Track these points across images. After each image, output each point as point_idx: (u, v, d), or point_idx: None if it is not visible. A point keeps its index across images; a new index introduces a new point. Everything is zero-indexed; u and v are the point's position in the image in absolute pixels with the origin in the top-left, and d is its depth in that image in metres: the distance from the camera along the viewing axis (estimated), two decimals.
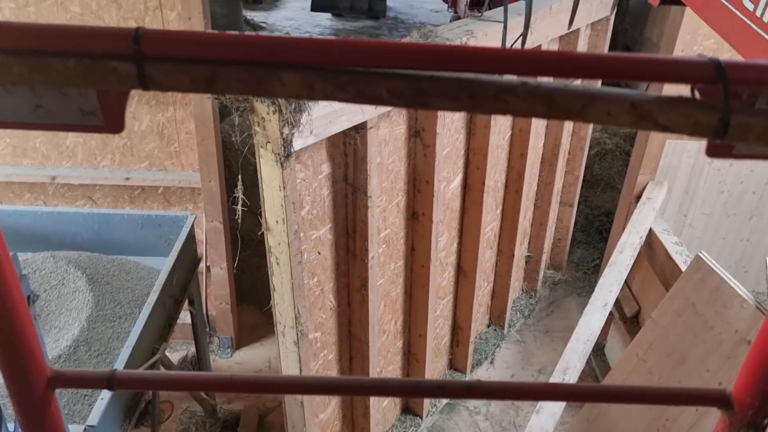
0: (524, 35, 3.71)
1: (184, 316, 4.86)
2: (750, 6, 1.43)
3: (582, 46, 5.12)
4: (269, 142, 2.47)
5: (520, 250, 5.69)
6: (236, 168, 5.80)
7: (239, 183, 2.79)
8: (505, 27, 3.75)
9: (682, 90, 0.63)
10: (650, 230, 4.87)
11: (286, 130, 2.43)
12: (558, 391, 1.03)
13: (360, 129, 3.02)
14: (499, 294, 5.66)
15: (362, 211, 3.27)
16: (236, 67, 0.58)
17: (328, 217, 3.26)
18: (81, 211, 4.46)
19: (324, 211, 3.19)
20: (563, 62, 0.61)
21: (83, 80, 0.58)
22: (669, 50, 4.66)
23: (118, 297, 4.06)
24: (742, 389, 0.89)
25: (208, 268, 5.26)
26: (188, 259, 4.32)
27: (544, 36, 4.39)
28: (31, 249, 4.24)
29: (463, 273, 4.88)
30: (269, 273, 2.98)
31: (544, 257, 6.15)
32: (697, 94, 0.62)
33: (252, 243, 6.08)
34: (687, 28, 4.49)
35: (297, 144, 2.56)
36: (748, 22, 1.44)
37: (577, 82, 3.08)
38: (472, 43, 3.67)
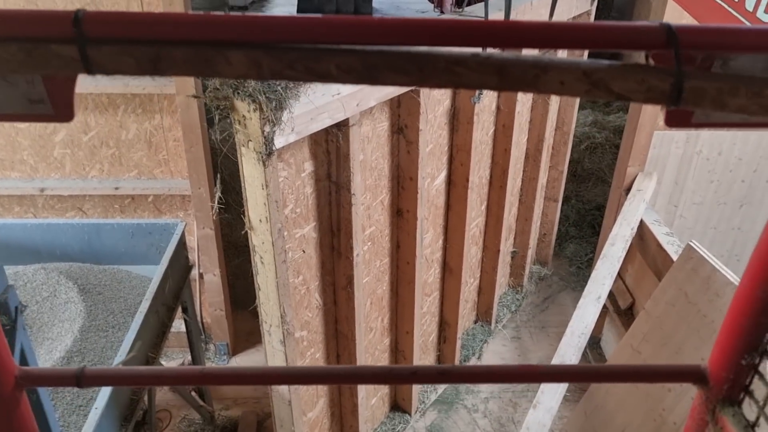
0: None
1: (179, 324, 4.84)
2: None
3: None
4: (250, 141, 2.46)
5: (506, 246, 5.71)
6: (227, 175, 5.80)
7: (218, 182, 2.78)
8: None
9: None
10: (641, 222, 4.88)
11: (267, 128, 2.42)
12: (532, 373, 1.02)
13: (342, 126, 3.02)
14: (485, 290, 5.70)
15: (346, 208, 3.28)
16: (182, 47, 0.57)
17: (312, 216, 3.26)
18: (71, 222, 4.44)
19: (308, 209, 3.19)
20: (513, 32, 0.60)
21: (25, 66, 0.57)
22: None
23: (111, 306, 4.04)
24: (717, 364, 0.88)
25: (201, 275, 5.24)
26: (180, 267, 4.31)
27: None
28: (22, 261, 4.22)
29: (449, 269, 4.90)
30: (254, 272, 2.97)
31: (530, 253, 6.19)
32: (651, 61, 0.61)
33: (245, 249, 6.06)
34: (671, 19, 4.51)
35: (279, 142, 2.55)
36: (733, 11, 1.45)
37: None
38: None
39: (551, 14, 3.60)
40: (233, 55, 0.57)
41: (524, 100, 5.04)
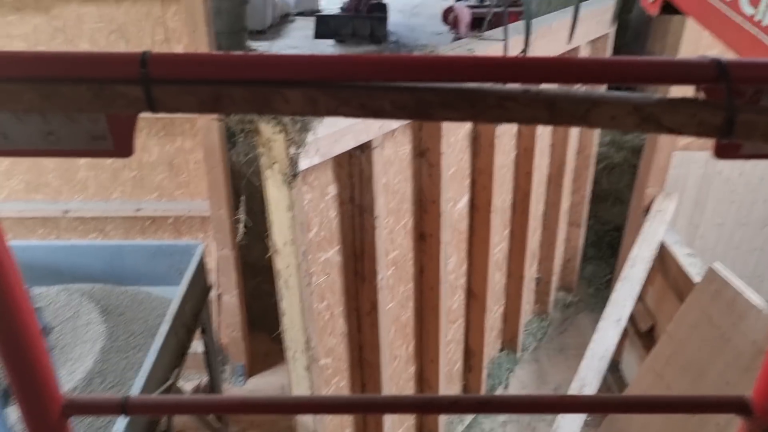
0: (524, 53, 3.74)
1: (196, 345, 4.85)
2: (749, 11, 1.44)
3: None
4: (276, 163, 2.49)
5: (530, 272, 5.64)
6: (247, 195, 5.85)
7: (242, 204, 2.80)
8: (505, 46, 3.78)
9: (689, 92, 0.63)
10: (662, 243, 4.83)
11: (292, 150, 2.45)
12: (575, 403, 1.01)
13: (365, 149, 3.03)
14: (510, 317, 5.60)
15: (370, 232, 3.27)
16: (240, 87, 0.59)
17: (335, 239, 3.25)
18: (93, 244, 4.49)
19: (332, 233, 3.19)
20: (565, 68, 0.61)
21: (93, 105, 0.59)
22: None
23: (131, 328, 4.07)
24: (761, 395, 0.87)
25: (219, 296, 5.27)
26: (199, 288, 4.33)
27: (545, 53, 4.42)
28: (45, 283, 4.27)
29: (473, 296, 4.84)
30: (278, 297, 2.97)
31: (554, 279, 6.10)
32: (701, 94, 0.62)
33: (262, 269, 6.08)
34: (689, 40, 4.51)
35: (303, 164, 2.57)
36: (749, 27, 1.45)
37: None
38: None
39: (570, 37, 3.63)
40: (290, 93, 0.59)
41: None
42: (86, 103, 0.59)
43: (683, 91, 0.67)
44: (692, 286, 4.22)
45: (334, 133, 2.73)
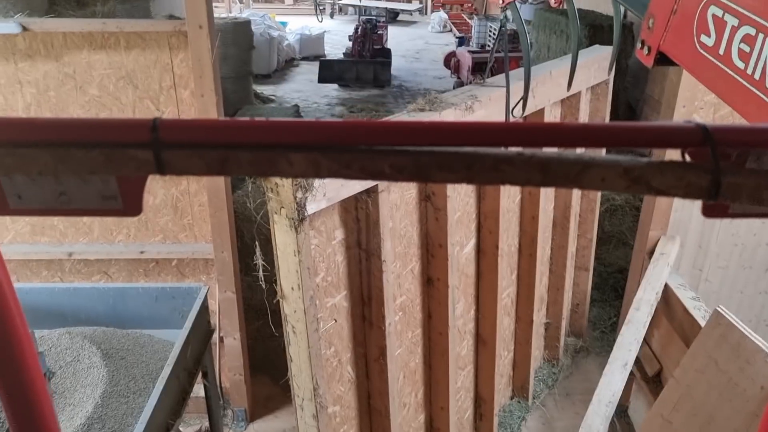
0: (524, 99, 3.81)
1: (197, 389, 4.80)
2: (741, 65, 1.48)
3: (583, 109, 5.22)
4: (283, 207, 2.52)
5: (539, 317, 5.59)
6: (249, 238, 5.87)
7: (257, 251, 2.82)
8: (507, 92, 3.86)
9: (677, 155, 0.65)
10: (666, 286, 4.82)
11: (299, 194, 2.48)
12: None
13: (371, 193, 3.06)
14: (520, 363, 5.53)
15: (377, 276, 3.27)
16: (246, 150, 0.62)
17: (343, 284, 3.25)
18: (96, 286, 4.50)
19: (339, 277, 3.19)
20: (556, 133, 0.64)
21: (105, 168, 0.61)
22: (670, 107, 4.75)
23: (133, 372, 4.04)
24: None
25: (221, 339, 5.24)
26: (202, 331, 4.32)
27: (546, 99, 4.52)
28: (48, 325, 4.26)
29: (483, 341, 4.79)
30: (285, 343, 2.96)
31: (564, 324, 6.04)
32: (687, 157, 0.65)
33: (265, 312, 6.06)
34: (686, 85, 4.59)
35: (311, 208, 2.60)
36: (741, 80, 1.49)
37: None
38: (477, 107, 3.78)
39: (569, 85, 3.70)
40: (294, 157, 0.62)
41: None
42: (99, 166, 0.61)
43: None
44: (698, 330, 4.19)
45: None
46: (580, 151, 1.18)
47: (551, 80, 4.44)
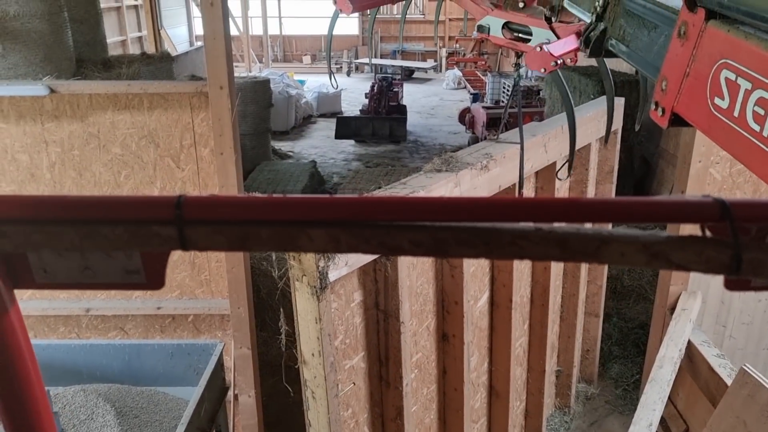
0: (570, 162, 3.86)
1: None
2: (756, 127, 1.48)
3: (593, 159, 5.29)
4: (305, 275, 2.53)
5: (550, 365, 5.56)
6: (265, 293, 5.87)
7: (282, 319, 2.81)
8: (522, 148, 3.89)
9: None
10: (689, 342, 4.71)
11: (321, 263, 2.49)
12: None
13: (391, 256, 3.07)
14: (532, 413, 5.47)
15: (395, 337, 3.25)
16: (268, 227, 0.63)
17: (360, 345, 3.24)
18: (112, 343, 4.50)
19: (356, 339, 3.18)
20: (573, 209, 0.64)
21: (129, 244, 0.63)
22: (686, 161, 4.75)
23: (146, 431, 3.99)
24: None
25: (236, 396, 5.17)
26: (217, 388, 4.27)
27: (558, 153, 4.60)
28: (64, 382, 4.25)
29: (496, 393, 4.74)
30: (305, 407, 2.92)
31: (575, 371, 6.00)
32: (707, 232, 0.65)
33: (280, 368, 5.99)
34: (702, 140, 4.60)
35: (332, 275, 2.61)
36: (758, 143, 1.49)
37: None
38: (492, 165, 3.81)
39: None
40: (315, 233, 0.63)
41: None
42: (123, 242, 0.62)
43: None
44: (724, 389, 4.06)
45: None
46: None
47: (563, 134, 4.49)
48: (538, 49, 2.50)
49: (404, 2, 4.96)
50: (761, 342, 5.19)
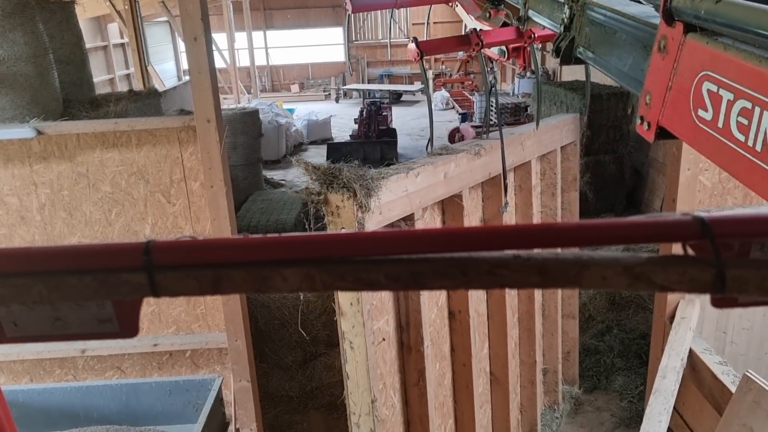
0: (504, 186, 4.62)
1: None
2: (741, 137, 1.49)
3: (557, 164, 5.65)
4: (343, 228, 2.69)
5: (539, 357, 5.82)
6: (263, 323, 5.81)
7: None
8: (502, 144, 4.34)
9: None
10: (691, 351, 4.67)
11: (359, 213, 2.72)
12: None
13: (408, 220, 3.35)
14: (526, 406, 5.67)
15: (415, 300, 3.43)
16: (240, 269, 0.61)
17: (385, 309, 3.42)
18: (109, 384, 4.43)
19: (382, 303, 3.36)
20: (552, 235, 0.63)
21: (99, 293, 0.61)
22: (675, 170, 4.76)
23: None
24: None
25: (237, 431, 5.09)
26: (217, 424, 4.21)
27: (532, 153, 5.07)
28: (60, 427, 4.17)
29: (496, 379, 4.97)
30: (342, 361, 3.03)
31: (559, 369, 6.21)
32: (689, 250, 0.63)
33: (282, 399, 5.92)
34: (690, 148, 4.60)
35: (369, 226, 2.79)
36: (743, 152, 1.49)
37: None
38: (483, 153, 4.33)
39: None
40: (288, 272, 0.61)
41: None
42: (92, 291, 0.61)
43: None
44: (729, 396, 4.02)
45: (392, 201, 3.07)
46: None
47: (535, 135, 4.97)
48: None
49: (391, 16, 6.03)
50: (762, 346, 5.15)
